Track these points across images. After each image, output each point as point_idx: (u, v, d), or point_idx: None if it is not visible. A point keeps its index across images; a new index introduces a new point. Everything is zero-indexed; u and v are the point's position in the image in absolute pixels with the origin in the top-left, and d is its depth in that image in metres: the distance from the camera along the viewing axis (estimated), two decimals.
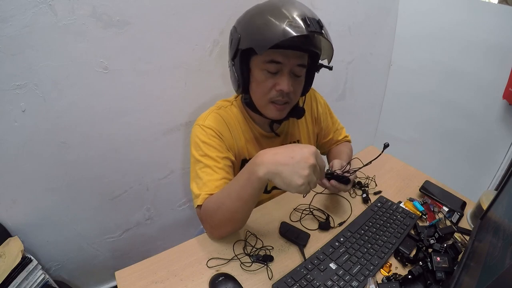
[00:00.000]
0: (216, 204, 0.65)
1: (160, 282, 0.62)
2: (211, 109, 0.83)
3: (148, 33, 0.95)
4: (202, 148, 0.74)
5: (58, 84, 0.87)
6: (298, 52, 0.70)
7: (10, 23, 0.75)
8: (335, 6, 1.38)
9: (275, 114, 0.76)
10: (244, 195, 0.60)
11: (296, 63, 0.70)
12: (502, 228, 0.49)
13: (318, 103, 0.96)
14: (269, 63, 0.69)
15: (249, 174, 0.59)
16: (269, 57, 0.68)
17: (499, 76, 1.32)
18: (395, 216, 0.80)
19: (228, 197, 0.63)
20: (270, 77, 0.71)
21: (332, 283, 0.61)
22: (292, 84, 0.72)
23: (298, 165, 0.53)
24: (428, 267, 0.62)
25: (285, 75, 0.70)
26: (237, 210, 0.63)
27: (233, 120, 0.81)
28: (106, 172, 1.07)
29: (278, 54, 0.68)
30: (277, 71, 0.70)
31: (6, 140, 0.87)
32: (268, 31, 0.63)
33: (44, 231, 1.05)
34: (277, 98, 0.72)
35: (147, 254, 0.68)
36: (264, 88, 0.72)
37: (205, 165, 0.72)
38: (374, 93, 1.87)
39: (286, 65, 0.70)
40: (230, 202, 0.63)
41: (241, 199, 0.61)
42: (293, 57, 0.69)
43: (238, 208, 0.63)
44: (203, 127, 0.76)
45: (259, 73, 0.72)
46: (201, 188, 0.70)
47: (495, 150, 1.44)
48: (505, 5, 1.35)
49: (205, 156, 0.73)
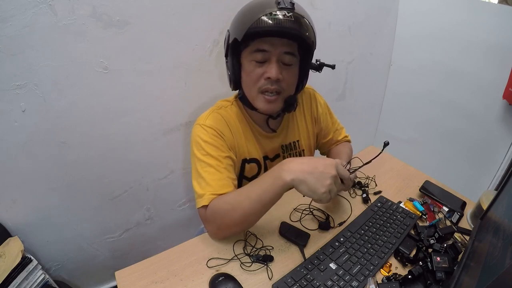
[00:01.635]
0: (230, 205, 0.66)
1: (160, 282, 0.62)
2: (211, 109, 0.83)
3: (148, 33, 0.95)
4: (204, 147, 0.74)
5: (58, 84, 0.87)
6: (285, 40, 0.70)
7: (10, 23, 0.75)
8: (335, 6, 1.38)
9: (265, 106, 0.76)
10: (265, 198, 0.63)
11: (283, 50, 0.71)
12: (502, 228, 0.49)
13: (318, 104, 0.96)
14: (256, 52, 0.71)
15: (274, 179, 0.62)
16: (255, 46, 0.70)
17: (499, 76, 1.32)
18: (395, 216, 0.80)
19: (248, 199, 0.64)
20: (259, 67, 0.72)
21: (332, 283, 0.61)
22: (282, 72, 0.72)
23: (322, 175, 0.59)
24: (428, 267, 0.62)
25: (272, 63, 0.71)
26: (254, 212, 0.65)
27: (233, 120, 0.82)
28: (106, 172, 1.07)
29: (264, 42, 0.69)
30: (265, 60, 0.72)
31: (6, 140, 0.87)
32: (245, 18, 0.68)
33: (44, 231, 1.05)
34: (266, 86, 0.73)
35: (147, 254, 0.68)
36: (253, 77, 0.73)
37: (208, 165, 0.72)
38: (374, 93, 1.87)
39: (273, 53, 0.71)
40: (249, 203, 0.64)
41: (261, 201, 0.63)
42: (279, 44, 0.70)
43: (256, 210, 0.64)
44: (204, 127, 0.76)
45: (248, 64, 0.73)
46: (204, 188, 0.70)
47: (495, 150, 1.44)
48: (505, 5, 1.35)
49: (208, 156, 0.73)
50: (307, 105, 0.94)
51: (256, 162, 0.85)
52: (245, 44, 0.72)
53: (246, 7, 0.72)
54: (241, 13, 0.72)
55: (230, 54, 0.74)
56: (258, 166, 0.86)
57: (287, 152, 0.90)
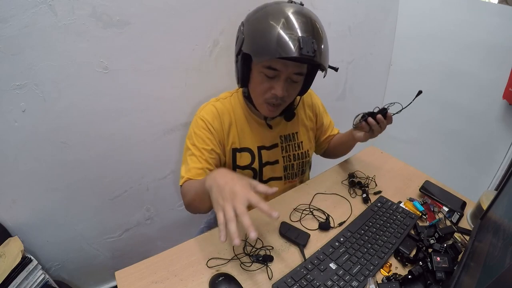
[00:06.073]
0: (187, 190, 0.78)
1: (160, 282, 0.62)
2: (211, 100, 0.89)
3: (148, 33, 0.95)
4: (193, 138, 0.83)
5: (58, 84, 0.87)
6: (298, 63, 0.73)
7: (10, 23, 0.75)
8: (335, 6, 1.38)
9: (268, 113, 0.81)
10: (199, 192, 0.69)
11: (293, 71, 0.73)
12: (502, 228, 0.49)
13: (317, 101, 1.00)
14: (267, 69, 0.73)
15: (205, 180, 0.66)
16: (267, 63, 0.72)
17: (499, 76, 1.32)
18: (395, 216, 0.80)
19: (193, 189, 0.75)
20: (267, 81, 0.75)
21: (332, 283, 0.61)
22: (287, 89, 0.76)
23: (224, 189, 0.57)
24: (428, 267, 0.62)
25: (281, 81, 0.74)
26: (194, 199, 0.76)
27: (229, 111, 0.86)
28: (106, 172, 1.07)
29: (277, 62, 0.71)
30: (274, 76, 0.74)
31: (6, 140, 0.87)
32: (266, 45, 0.67)
33: (44, 231, 1.05)
34: (271, 100, 0.77)
35: (147, 254, 0.68)
36: (261, 89, 0.77)
37: (192, 153, 0.82)
38: (374, 93, 1.87)
39: (283, 72, 0.73)
40: (194, 193, 0.74)
41: (197, 194, 0.72)
42: (291, 66, 0.72)
43: (195, 198, 0.75)
44: (197, 118, 0.84)
45: (258, 75, 0.76)
46: (186, 172, 0.81)
47: (495, 150, 1.44)
48: (505, 5, 1.35)
49: (194, 146, 0.82)
50: (308, 101, 0.97)
51: (249, 151, 0.88)
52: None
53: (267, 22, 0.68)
54: (262, 32, 0.69)
55: (242, 58, 0.75)
56: (251, 156, 0.88)
57: (286, 142, 0.93)
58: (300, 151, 0.94)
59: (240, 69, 0.77)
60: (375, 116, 0.80)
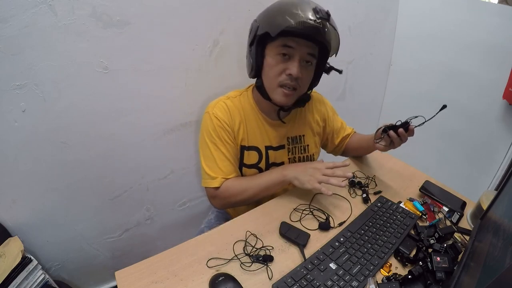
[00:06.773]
0: (243, 188, 0.83)
1: (160, 282, 0.62)
2: (220, 98, 0.90)
3: (148, 33, 0.95)
4: (214, 136, 0.85)
5: (58, 84, 0.87)
6: (309, 42, 0.76)
7: (10, 23, 0.75)
8: (335, 6, 1.36)
9: (282, 99, 0.81)
10: (271, 186, 0.84)
11: (306, 51, 0.77)
12: (502, 228, 0.49)
13: (327, 107, 1.01)
14: (283, 47, 0.76)
15: (278, 174, 0.83)
16: (283, 41, 0.75)
17: (499, 76, 1.32)
18: (395, 216, 0.80)
19: (258, 185, 0.83)
20: (282, 62, 0.77)
21: (332, 283, 0.61)
22: (301, 71, 0.77)
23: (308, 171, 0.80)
24: (428, 267, 0.62)
25: (295, 61, 0.76)
26: (258, 195, 0.84)
27: (239, 109, 0.87)
28: (106, 172, 1.07)
29: (291, 40, 0.75)
30: (289, 55, 0.77)
31: (6, 140, 0.86)
32: (282, 17, 0.72)
33: (44, 231, 1.05)
34: (286, 81, 0.78)
35: (147, 254, 0.68)
36: (276, 71, 0.78)
37: (217, 151, 0.85)
38: (374, 93, 1.87)
39: (297, 51, 0.76)
40: (258, 188, 0.83)
41: (267, 188, 0.84)
42: (304, 45, 0.75)
43: (260, 193, 0.84)
44: (211, 116, 0.85)
45: (272, 59, 0.78)
46: (216, 172, 0.84)
47: (495, 150, 1.44)
48: (505, 5, 1.35)
49: (216, 143, 0.85)
50: (316, 106, 0.98)
51: (257, 150, 0.89)
52: (274, 38, 0.76)
53: (282, 4, 0.76)
54: (276, 10, 0.75)
55: (256, 44, 0.78)
56: (259, 155, 0.90)
57: (293, 144, 0.94)
58: (306, 154, 0.95)
59: (255, 55, 0.79)
60: (397, 129, 0.81)
